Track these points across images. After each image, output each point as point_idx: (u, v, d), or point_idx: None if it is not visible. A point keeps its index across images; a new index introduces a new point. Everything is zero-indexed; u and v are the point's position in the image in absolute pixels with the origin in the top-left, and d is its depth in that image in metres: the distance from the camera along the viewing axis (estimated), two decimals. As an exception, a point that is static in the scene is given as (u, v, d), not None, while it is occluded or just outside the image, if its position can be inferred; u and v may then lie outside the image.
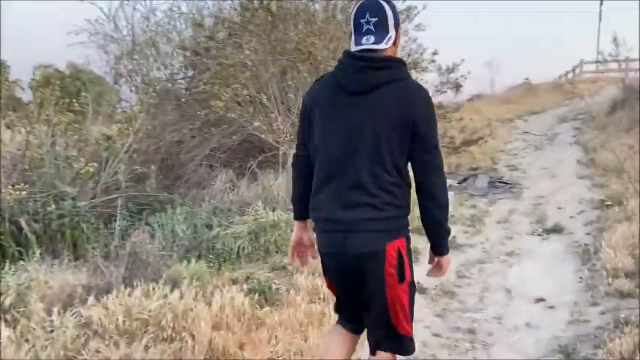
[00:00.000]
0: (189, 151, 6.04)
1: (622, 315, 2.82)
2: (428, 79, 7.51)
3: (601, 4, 24.01)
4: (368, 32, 1.71)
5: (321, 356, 2.20)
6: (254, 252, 4.40)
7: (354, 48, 1.74)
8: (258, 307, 3.24)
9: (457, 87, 7.68)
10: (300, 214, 1.96)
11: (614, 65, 22.99)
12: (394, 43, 1.76)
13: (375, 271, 1.75)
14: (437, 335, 3.03)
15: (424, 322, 3.18)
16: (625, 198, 4.86)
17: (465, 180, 6.68)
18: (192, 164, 5.93)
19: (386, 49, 1.72)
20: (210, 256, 4.31)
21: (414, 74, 7.41)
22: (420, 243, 4.50)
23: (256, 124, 6.14)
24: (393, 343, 1.87)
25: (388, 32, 1.73)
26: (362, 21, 1.73)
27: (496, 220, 5.24)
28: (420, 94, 1.78)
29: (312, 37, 6.17)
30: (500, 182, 6.59)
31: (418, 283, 3.69)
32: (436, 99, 7.78)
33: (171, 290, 3.25)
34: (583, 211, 5.18)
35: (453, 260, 3.85)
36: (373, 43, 1.70)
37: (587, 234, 4.48)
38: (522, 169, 7.42)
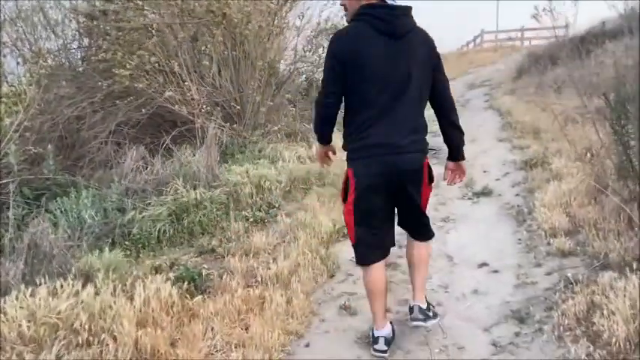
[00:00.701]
0: (91, 127, 5.40)
1: (568, 274, 2.82)
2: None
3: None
4: None
5: (374, 293, 2.47)
6: (177, 235, 4.01)
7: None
8: (188, 296, 2.91)
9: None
10: (329, 141, 2.59)
11: (512, 34, 24.42)
12: None
13: (418, 180, 2.38)
14: (386, 311, 2.87)
15: (371, 298, 3.02)
16: (547, 158, 5.00)
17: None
18: (97, 142, 5.32)
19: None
20: (126, 242, 3.87)
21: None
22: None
23: (168, 94, 5.61)
24: (429, 230, 2.65)
25: None
26: None
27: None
28: (429, 36, 2.34)
29: (225, -2, 5.70)
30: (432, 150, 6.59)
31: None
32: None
33: (84, 286, 2.83)
34: (508, 173, 5.29)
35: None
36: None
37: (517, 195, 4.55)
38: (439, 134, 7.50)
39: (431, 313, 2.63)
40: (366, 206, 2.33)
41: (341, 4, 2.41)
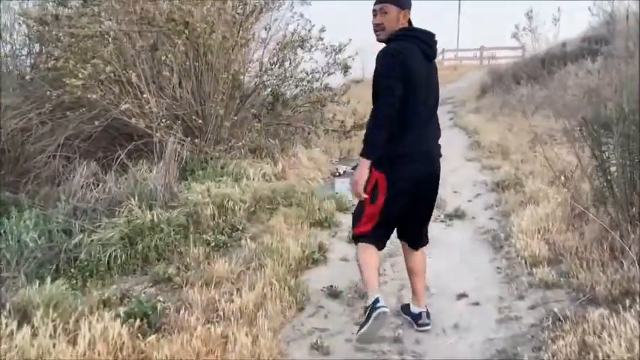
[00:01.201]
0: (38, 140, 4.99)
1: (555, 309, 2.66)
2: (317, 59, 7.14)
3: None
4: None
5: (370, 267, 2.62)
6: (129, 262, 3.67)
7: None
8: (140, 336, 2.59)
9: (345, 68, 7.41)
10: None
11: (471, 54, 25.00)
12: None
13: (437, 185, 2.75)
14: (361, 350, 2.63)
15: (344, 335, 2.78)
16: (520, 180, 4.91)
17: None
18: (43, 156, 4.91)
19: None
20: (72, 270, 3.51)
21: (300, 53, 6.99)
22: (324, 237, 4.16)
23: (124, 106, 5.25)
24: (427, 237, 2.93)
25: None
26: None
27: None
28: None
29: (187, 4, 5.41)
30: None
31: (331, 287, 3.32)
32: (324, 81, 7.46)
33: (20, 325, 2.49)
34: (480, 194, 5.17)
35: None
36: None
37: (491, 219, 4.42)
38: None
39: (429, 318, 2.86)
40: (394, 208, 2.59)
41: (377, 24, 2.59)
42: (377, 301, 2.43)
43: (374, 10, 2.60)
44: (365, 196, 2.57)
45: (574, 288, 2.88)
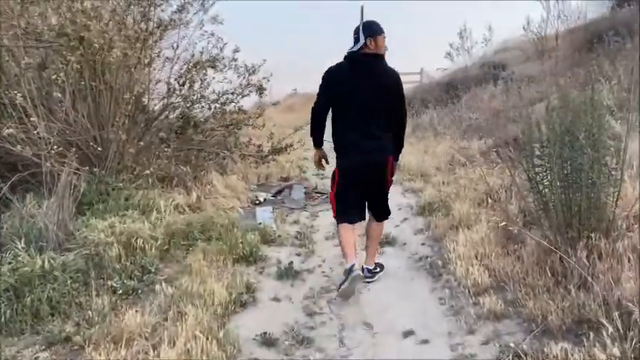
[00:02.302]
0: None
1: (510, 343, 2.50)
2: (231, 79, 6.76)
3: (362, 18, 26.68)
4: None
5: (343, 244, 3.43)
6: (16, 319, 3.05)
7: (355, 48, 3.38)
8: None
9: (261, 90, 7.10)
10: (321, 143, 3.70)
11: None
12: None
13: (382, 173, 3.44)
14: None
15: (286, 392, 2.41)
16: (446, 202, 4.87)
17: (280, 192, 6.13)
18: None
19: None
20: (-64, 338, 2.81)
21: (211, 73, 6.59)
22: (251, 275, 3.77)
23: (6, 131, 4.53)
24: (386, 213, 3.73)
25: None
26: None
27: (324, 235, 4.77)
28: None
29: (82, 18, 4.85)
30: (316, 192, 6.21)
31: (264, 334, 2.94)
32: (238, 103, 7.11)
33: None
34: (406, 219, 5.07)
35: (296, 294, 3.18)
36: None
37: (423, 244, 4.30)
38: (330, 176, 7.22)
39: (378, 269, 3.74)
40: (345, 190, 3.51)
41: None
42: (352, 267, 3.22)
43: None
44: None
45: (524, 318, 2.75)
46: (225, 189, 5.47)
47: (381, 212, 3.67)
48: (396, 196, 5.88)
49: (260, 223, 4.79)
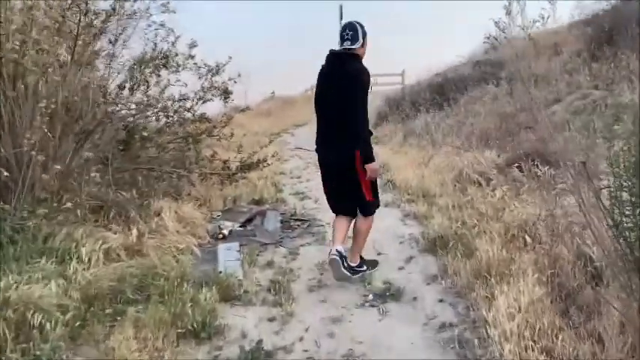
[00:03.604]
0: None
1: None
2: (186, 81, 5.63)
3: (340, 17, 25.73)
4: (347, 39, 3.51)
5: (335, 225, 3.73)
6: None
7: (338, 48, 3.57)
8: None
9: (226, 94, 5.99)
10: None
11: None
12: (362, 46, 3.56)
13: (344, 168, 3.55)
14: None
15: None
16: (465, 237, 3.81)
17: (250, 220, 4.99)
18: None
19: (356, 48, 3.52)
20: None
21: (164, 74, 5.44)
22: None
23: None
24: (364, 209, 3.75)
25: (358, 40, 3.52)
26: (344, 34, 3.52)
27: (307, 285, 3.67)
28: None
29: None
30: (294, 220, 5.10)
31: None
32: (201, 109, 5.99)
33: None
34: (412, 258, 4.00)
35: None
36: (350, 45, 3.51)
37: (441, 301, 3.22)
38: (313, 196, 6.11)
39: (364, 267, 3.76)
40: (324, 185, 3.87)
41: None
42: (330, 251, 3.58)
43: None
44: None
45: None
46: (177, 222, 4.31)
47: (361, 207, 3.73)
48: (394, 223, 4.83)
49: (220, 272, 3.66)
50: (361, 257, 3.77)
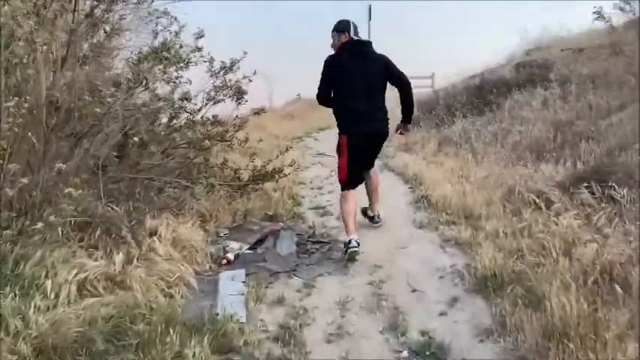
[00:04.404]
0: None
1: None
2: (194, 78, 5.01)
3: (369, 18, 24.99)
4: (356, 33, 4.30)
5: (346, 216, 4.10)
6: None
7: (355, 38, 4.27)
8: None
9: (240, 94, 5.35)
10: None
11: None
12: None
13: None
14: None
15: None
16: (526, 277, 3.06)
17: (260, 242, 4.32)
18: None
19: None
20: None
21: (169, 70, 4.82)
22: None
23: None
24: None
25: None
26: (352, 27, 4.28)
27: (324, 332, 2.97)
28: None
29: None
30: (312, 242, 4.41)
31: None
32: (211, 111, 5.39)
33: None
34: (456, 299, 3.26)
35: None
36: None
37: (502, 368, 2.48)
38: (335, 211, 5.42)
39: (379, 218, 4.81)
40: (354, 157, 4.23)
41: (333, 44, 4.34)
42: (350, 241, 3.93)
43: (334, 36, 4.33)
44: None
45: None
46: (173, 244, 3.66)
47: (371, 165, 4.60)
48: (431, 251, 4.11)
49: (218, 314, 2.99)
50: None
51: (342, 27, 4.24)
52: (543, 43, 13.08)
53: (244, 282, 3.53)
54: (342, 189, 4.25)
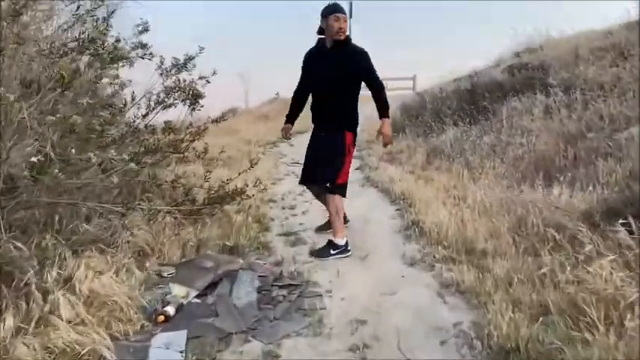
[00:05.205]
0: None
1: None
2: (137, 79, 4.16)
3: (350, 16, 24.26)
4: None
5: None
6: None
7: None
8: None
9: (195, 98, 4.50)
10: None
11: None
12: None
13: None
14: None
15: None
16: (557, 353, 2.27)
17: (213, 286, 3.47)
18: None
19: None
20: None
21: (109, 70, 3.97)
22: None
23: None
24: None
25: None
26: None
27: None
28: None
29: None
30: (278, 286, 3.56)
31: None
32: (159, 119, 4.55)
33: None
34: (466, 379, 2.47)
35: None
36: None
37: None
38: (309, 239, 4.61)
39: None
40: None
41: (341, 27, 3.97)
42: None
43: (337, 17, 3.93)
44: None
45: None
46: (85, 304, 2.78)
47: None
48: (427, 299, 3.31)
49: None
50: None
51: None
52: (534, 44, 12.49)
53: (182, 352, 2.68)
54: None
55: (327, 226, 4.53)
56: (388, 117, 4.08)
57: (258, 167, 7.50)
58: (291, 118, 4.44)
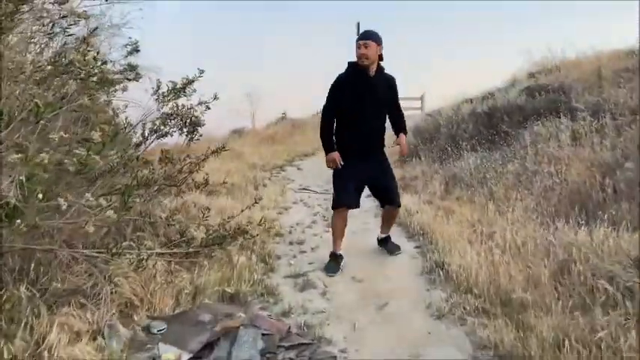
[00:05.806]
0: None
1: None
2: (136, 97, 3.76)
3: (358, 28, 23.98)
4: None
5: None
6: None
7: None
8: None
9: (194, 127, 4.10)
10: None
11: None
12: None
13: None
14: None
15: None
16: None
17: (210, 347, 3.01)
18: None
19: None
20: None
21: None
22: None
23: None
24: None
25: None
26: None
27: None
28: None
29: None
30: (285, 347, 3.10)
31: None
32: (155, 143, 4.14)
33: None
34: None
35: None
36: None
37: None
38: (320, 281, 4.16)
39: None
40: None
41: (363, 53, 4.10)
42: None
43: (359, 44, 4.04)
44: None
45: None
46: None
47: None
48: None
49: None
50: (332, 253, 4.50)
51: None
52: (549, 64, 12.12)
53: None
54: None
55: (387, 240, 4.79)
56: (406, 133, 4.50)
57: (263, 194, 7.10)
58: (333, 144, 4.31)
